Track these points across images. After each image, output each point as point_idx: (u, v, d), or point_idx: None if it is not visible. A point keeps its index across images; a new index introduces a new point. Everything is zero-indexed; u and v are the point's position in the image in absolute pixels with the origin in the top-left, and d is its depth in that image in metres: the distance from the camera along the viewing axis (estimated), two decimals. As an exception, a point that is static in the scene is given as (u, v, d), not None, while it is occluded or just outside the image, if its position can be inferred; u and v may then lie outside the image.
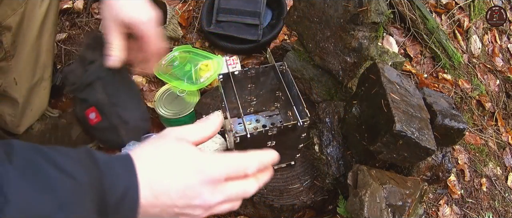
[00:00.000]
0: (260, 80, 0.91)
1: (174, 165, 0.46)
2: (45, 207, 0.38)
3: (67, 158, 0.41)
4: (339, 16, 0.92)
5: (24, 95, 0.95)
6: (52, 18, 0.94)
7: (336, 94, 1.10)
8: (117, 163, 0.44)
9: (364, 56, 0.94)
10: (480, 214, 1.33)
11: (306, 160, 1.01)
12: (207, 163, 0.48)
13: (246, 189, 0.52)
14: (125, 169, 0.44)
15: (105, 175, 0.42)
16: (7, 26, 0.84)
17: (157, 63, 1.27)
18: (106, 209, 0.42)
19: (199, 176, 0.46)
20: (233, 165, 0.50)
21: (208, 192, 0.48)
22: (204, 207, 0.48)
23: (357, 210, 0.73)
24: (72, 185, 0.40)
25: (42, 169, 0.40)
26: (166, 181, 0.45)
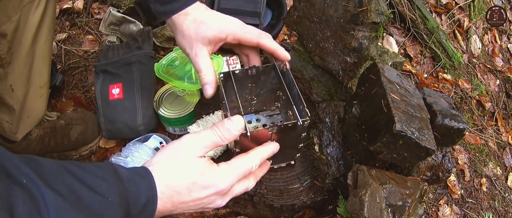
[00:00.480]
0: (261, 79, 0.90)
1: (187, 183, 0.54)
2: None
3: (96, 178, 0.47)
4: (339, 16, 0.92)
5: (20, 102, 0.94)
6: (47, 24, 0.93)
7: (336, 94, 1.10)
8: (138, 178, 0.51)
9: (364, 56, 0.94)
10: (480, 214, 1.33)
11: (306, 160, 1.01)
12: (219, 178, 0.57)
13: (248, 187, 0.64)
14: (146, 185, 0.51)
15: (129, 191, 0.48)
16: (2, 33, 0.83)
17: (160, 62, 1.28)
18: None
19: (209, 191, 0.56)
20: (240, 173, 0.60)
21: (220, 199, 0.59)
22: (218, 207, 0.59)
23: (357, 210, 0.73)
24: (105, 204, 0.45)
25: (76, 191, 0.44)
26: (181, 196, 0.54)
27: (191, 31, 0.70)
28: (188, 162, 0.56)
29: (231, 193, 0.61)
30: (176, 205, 0.54)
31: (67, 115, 1.18)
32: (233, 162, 0.61)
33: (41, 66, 0.97)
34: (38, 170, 0.43)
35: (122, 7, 1.46)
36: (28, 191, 0.40)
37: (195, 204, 0.57)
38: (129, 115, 1.15)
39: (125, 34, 1.36)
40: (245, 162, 0.61)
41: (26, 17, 0.86)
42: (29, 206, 0.39)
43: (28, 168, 0.42)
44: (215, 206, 0.60)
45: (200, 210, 0.59)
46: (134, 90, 1.17)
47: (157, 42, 1.39)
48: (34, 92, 0.98)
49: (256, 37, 0.75)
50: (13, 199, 0.38)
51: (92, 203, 0.44)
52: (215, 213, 1.12)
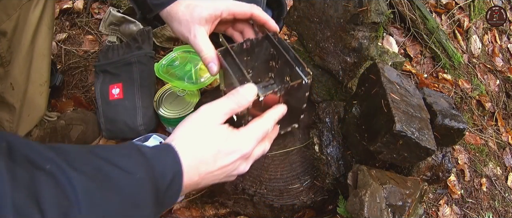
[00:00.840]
0: (255, 52, 0.93)
1: (212, 150, 0.55)
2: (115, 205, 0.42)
3: (121, 157, 0.46)
4: (339, 16, 0.92)
5: (20, 100, 0.95)
6: (46, 22, 0.93)
7: (336, 94, 1.10)
8: (163, 154, 0.51)
9: (364, 56, 0.94)
10: (480, 214, 1.33)
11: (306, 160, 1.01)
12: (242, 142, 0.58)
13: (265, 150, 0.67)
14: (171, 159, 0.50)
15: (155, 167, 0.47)
16: (2, 32, 0.83)
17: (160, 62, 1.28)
18: (158, 196, 0.47)
19: (234, 156, 0.57)
20: (259, 135, 0.62)
21: (244, 164, 0.61)
22: (241, 173, 0.61)
23: (357, 210, 0.73)
24: (134, 181, 0.44)
25: (103, 170, 0.43)
26: (207, 165, 0.54)
27: (187, 16, 0.72)
28: (210, 130, 0.57)
29: (253, 157, 0.63)
30: (203, 176, 0.54)
31: (67, 115, 1.18)
32: (251, 126, 0.63)
33: (40, 64, 0.97)
34: (62, 154, 0.42)
35: (122, 7, 1.46)
36: (53, 176, 0.39)
37: (221, 172, 0.57)
38: (129, 115, 1.15)
39: (125, 34, 1.36)
40: (262, 124, 0.64)
41: (25, 16, 0.86)
42: (56, 191, 0.38)
43: (51, 153, 0.41)
44: (239, 172, 0.61)
45: (225, 179, 0.59)
46: (134, 90, 1.17)
47: (157, 42, 1.39)
48: (34, 90, 0.98)
49: (249, 9, 0.78)
50: (38, 186, 0.37)
51: (121, 180, 0.43)
52: (215, 213, 1.12)
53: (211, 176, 0.56)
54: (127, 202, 0.43)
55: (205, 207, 1.13)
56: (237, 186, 0.97)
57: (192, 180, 0.53)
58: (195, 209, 1.12)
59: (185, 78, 1.26)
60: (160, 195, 0.47)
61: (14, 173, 0.36)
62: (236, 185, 0.97)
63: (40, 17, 0.90)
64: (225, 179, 0.60)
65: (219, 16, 0.75)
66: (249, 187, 0.96)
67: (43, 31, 0.93)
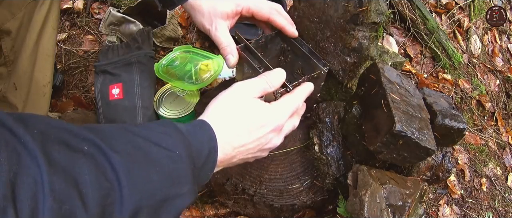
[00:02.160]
0: (268, 47, 0.97)
1: (246, 123, 0.56)
2: (156, 183, 0.41)
3: (160, 134, 0.46)
4: (339, 16, 0.92)
5: (23, 100, 0.94)
6: (51, 23, 0.93)
7: (336, 94, 1.10)
8: (199, 130, 0.51)
9: (364, 56, 0.94)
10: (480, 214, 1.33)
11: (306, 160, 1.01)
12: (273, 115, 0.59)
13: (295, 125, 0.68)
14: (207, 136, 0.51)
15: (192, 144, 0.48)
16: (6, 31, 0.83)
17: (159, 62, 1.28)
18: (194, 172, 0.47)
19: (268, 128, 0.58)
20: (291, 109, 0.63)
21: (276, 136, 0.61)
22: (273, 147, 0.61)
23: (357, 210, 0.73)
24: (174, 158, 0.44)
25: (143, 148, 0.42)
26: (242, 138, 0.55)
27: (210, 9, 0.74)
28: (243, 103, 0.58)
29: (284, 131, 0.63)
30: (237, 150, 0.55)
31: (67, 115, 1.18)
32: (283, 100, 0.64)
33: (44, 64, 0.97)
34: (99, 134, 0.41)
35: (122, 7, 1.46)
36: (92, 157, 0.38)
37: (254, 146, 0.57)
38: (129, 115, 1.15)
39: (125, 34, 1.36)
40: (293, 99, 0.65)
41: (30, 15, 0.86)
42: (96, 173, 0.37)
43: (88, 133, 0.40)
44: (272, 145, 0.61)
45: (258, 153, 0.59)
46: (134, 90, 1.17)
47: (157, 42, 1.39)
48: (37, 91, 0.98)
49: (267, 13, 0.80)
50: (77, 168, 0.36)
51: (161, 158, 0.42)
52: (215, 213, 1.12)
53: (245, 150, 0.57)
54: (168, 180, 0.42)
55: (205, 207, 1.13)
56: (237, 186, 0.97)
57: (227, 154, 0.54)
58: (195, 209, 1.11)
59: (185, 78, 1.26)
60: (195, 171, 0.47)
61: (50, 158, 0.35)
62: (236, 185, 0.97)
63: (45, 18, 0.90)
64: (258, 153, 0.60)
65: (240, 12, 0.78)
66: (249, 187, 0.96)
67: (48, 31, 0.93)
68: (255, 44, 0.92)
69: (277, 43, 1.00)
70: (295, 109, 0.65)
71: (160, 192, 0.41)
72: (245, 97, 0.59)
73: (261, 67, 0.89)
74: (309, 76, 0.85)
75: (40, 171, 0.33)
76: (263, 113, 0.58)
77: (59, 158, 0.36)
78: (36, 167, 0.33)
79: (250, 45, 0.88)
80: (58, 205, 0.33)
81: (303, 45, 0.92)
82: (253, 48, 0.88)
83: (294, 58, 1.00)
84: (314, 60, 0.90)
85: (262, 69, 0.88)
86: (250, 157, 0.60)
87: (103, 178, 0.37)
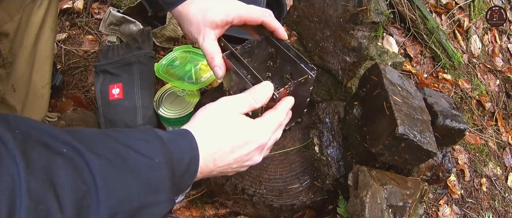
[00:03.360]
0: (255, 52, 0.96)
1: (230, 138, 0.55)
2: (133, 190, 0.41)
3: (140, 141, 0.46)
4: (339, 16, 0.92)
5: (22, 102, 0.94)
6: (49, 24, 0.93)
7: (336, 94, 1.10)
8: (181, 139, 0.50)
9: (363, 56, 0.94)
10: (480, 214, 1.33)
11: (306, 160, 1.01)
12: (257, 132, 0.58)
13: (277, 137, 0.67)
14: (189, 145, 0.50)
15: (173, 152, 0.47)
16: (4, 33, 0.83)
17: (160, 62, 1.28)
18: (174, 181, 0.47)
19: (251, 146, 0.57)
20: (275, 126, 0.62)
21: (257, 154, 0.60)
22: (253, 164, 0.60)
23: (359, 211, 0.73)
24: (152, 165, 0.44)
25: (122, 154, 0.42)
26: (223, 152, 0.54)
27: (199, 17, 0.72)
28: (228, 118, 0.57)
29: (267, 148, 0.63)
30: (218, 164, 0.54)
31: (67, 115, 1.18)
32: (267, 117, 0.63)
33: (43, 66, 0.96)
34: (79, 138, 0.41)
35: (122, 7, 1.46)
36: (70, 159, 0.38)
37: (235, 161, 0.57)
38: (129, 115, 1.15)
39: (125, 34, 1.36)
40: (277, 115, 0.65)
41: (28, 17, 0.86)
42: (73, 175, 0.37)
43: (68, 136, 0.40)
44: (252, 162, 0.60)
45: (237, 169, 0.59)
46: (134, 90, 1.17)
47: (157, 42, 1.39)
48: (36, 92, 0.98)
49: (261, 16, 0.78)
50: (54, 170, 0.36)
51: (140, 165, 0.43)
52: (215, 213, 1.12)
53: (226, 164, 0.56)
54: (145, 187, 0.42)
55: (205, 207, 1.13)
56: (237, 186, 0.97)
57: (208, 166, 0.53)
58: (195, 209, 1.11)
59: (185, 78, 1.26)
60: (176, 180, 0.47)
61: (29, 159, 0.35)
62: (235, 185, 0.97)
63: (43, 19, 0.90)
64: (237, 169, 0.59)
65: (231, 22, 0.75)
66: (248, 187, 0.96)
67: (46, 33, 0.93)
68: (241, 50, 0.91)
69: (264, 48, 0.98)
70: (278, 124, 0.65)
71: (137, 199, 0.42)
72: (231, 113, 0.58)
73: (248, 74, 0.88)
74: (297, 81, 0.84)
75: (18, 170, 0.34)
76: (248, 130, 0.58)
77: (37, 159, 0.36)
78: (14, 166, 0.34)
79: (236, 52, 0.86)
80: (34, 204, 0.33)
81: (290, 50, 0.91)
82: (239, 54, 0.86)
83: (282, 63, 0.98)
84: (302, 64, 0.88)
85: (249, 77, 0.87)
86: (230, 171, 0.59)
87: (80, 180, 0.37)
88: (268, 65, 1.06)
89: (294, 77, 0.95)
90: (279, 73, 1.06)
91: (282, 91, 0.79)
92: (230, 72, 0.94)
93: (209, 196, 1.15)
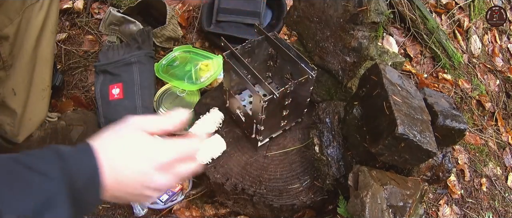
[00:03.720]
0: (255, 52, 0.98)
1: (131, 154, 0.53)
2: (28, 205, 0.42)
3: (34, 158, 0.46)
4: (339, 16, 0.92)
5: (22, 106, 0.94)
6: (50, 27, 0.93)
7: (336, 94, 1.10)
8: (81, 152, 0.50)
9: (363, 56, 0.94)
10: (480, 214, 1.33)
11: (306, 160, 1.01)
12: (159, 151, 0.55)
13: (183, 176, 0.59)
14: (89, 157, 0.49)
15: (70, 164, 0.47)
16: (4, 36, 0.83)
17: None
18: (75, 194, 0.46)
19: (152, 164, 0.54)
20: (180, 150, 0.57)
21: (160, 175, 0.55)
22: (157, 189, 0.56)
23: (359, 211, 0.73)
24: (46, 181, 0.44)
25: (15, 173, 0.44)
26: (125, 168, 0.52)
27: None
28: (131, 133, 0.55)
29: (174, 173, 0.57)
30: (120, 180, 0.52)
31: (67, 115, 1.18)
32: (174, 140, 0.59)
33: (43, 69, 0.96)
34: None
35: (122, 7, 1.46)
36: None
37: (137, 177, 0.54)
38: (129, 114, 1.15)
39: (125, 34, 1.36)
40: (186, 142, 0.59)
41: (28, 20, 0.86)
42: None
43: None
44: (156, 185, 0.55)
45: (142, 190, 0.55)
46: (134, 90, 1.17)
47: (157, 42, 1.39)
48: (36, 95, 0.98)
49: None
50: None
51: (33, 182, 0.44)
52: (215, 213, 1.12)
53: (129, 182, 0.53)
54: (41, 202, 0.43)
55: (205, 207, 1.13)
56: (237, 186, 0.97)
57: (110, 181, 0.51)
58: (195, 209, 1.11)
59: (185, 78, 1.26)
60: (76, 194, 0.47)
61: None
62: (235, 185, 0.97)
63: (44, 22, 0.90)
64: (142, 190, 0.55)
65: None
66: (248, 187, 0.96)
67: (47, 36, 0.93)
68: (241, 50, 0.92)
69: (264, 48, 0.99)
70: (186, 151, 0.59)
71: (35, 214, 0.42)
72: (135, 129, 0.56)
73: (248, 74, 0.89)
74: (297, 81, 0.85)
75: None
76: (149, 146, 0.55)
77: None
78: None
79: (236, 52, 0.87)
80: None
81: (291, 50, 0.92)
82: (239, 54, 0.87)
83: (283, 63, 0.99)
84: (302, 64, 0.89)
85: (249, 77, 0.87)
86: (137, 193, 0.55)
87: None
88: (268, 65, 1.06)
89: (294, 77, 0.95)
90: (279, 73, 1.06)
91: (282, 91, 0.80)
92: (230, 72, 0.94)
93: (209, 196, 1.15)
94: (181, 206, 1.11)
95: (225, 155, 1.02)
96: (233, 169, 1.00)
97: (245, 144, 1.04)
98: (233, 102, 1.03)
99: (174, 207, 1.11)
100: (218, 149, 1.02)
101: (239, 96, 1.10)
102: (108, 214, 1.14)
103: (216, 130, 1.07)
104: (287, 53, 0.92)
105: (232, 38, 1.40)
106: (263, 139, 1.02)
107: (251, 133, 0.98)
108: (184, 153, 0.58)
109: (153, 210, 1.11)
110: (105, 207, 1.15)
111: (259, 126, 0.92)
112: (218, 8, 1.46)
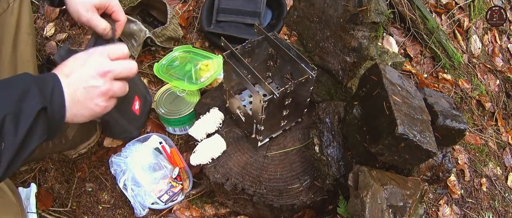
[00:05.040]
0: (255, 52, 0.99)
1: (83, 69, 0.67)
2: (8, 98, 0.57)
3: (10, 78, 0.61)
4: (339, 16, 0.92)
5: None
6: (25, 29, 0.96)
7: (336, 94, 1.10)
8: (45, 75, 0.65)
9: (363, 56, 0.94)
10: (480, 214, 1.33)
11: (306, 160, 1.01)
12: (98, 63, 0.68)
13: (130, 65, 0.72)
14: (51, 76, 0.64)
15: (37, 80, 0.62)
16: None
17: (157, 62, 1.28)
18: (45, 95, 0.61)
19: (95, 72, 0.67)
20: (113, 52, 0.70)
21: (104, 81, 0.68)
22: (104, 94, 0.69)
23: (359, 211, 0.73)
24: (22, 79, 0.60)
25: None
26: (78, 78, 0.66)
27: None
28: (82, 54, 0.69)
29: (112, 75, 0.68)
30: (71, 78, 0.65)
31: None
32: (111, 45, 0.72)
33: (25, 70, 0.98)
34: None
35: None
36: None
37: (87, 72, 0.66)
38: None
39: (125, 34, 1.36)
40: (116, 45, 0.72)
41: (2, 26, 0.89)
42: None
43: None
44: (102, 89, 0.67)
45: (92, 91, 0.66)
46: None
47: (158, 42, 1.39)
48: None
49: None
50: None
51: (10, 80, 0.60)
52: (215, 213, 1.12)
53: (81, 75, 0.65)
54: (16, 94, 0.57)
55: (205, 207, 1.13)
56: (237, 186, 0.97)
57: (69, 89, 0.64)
58: (195, 209, 1.11)
59: (185, 78, 1.26)
60: (46, 95, 0.60)
61: None
62: (235, 185, 0.97)
63: (17, 25, 0.93)
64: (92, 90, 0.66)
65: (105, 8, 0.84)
66: (248, 187, 0.96)
67: (23, 38, 0.96)
68: (241, 50, 0.93)
69: (264, 48, 1.00)
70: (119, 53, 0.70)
71: (11, 103, 0.57)
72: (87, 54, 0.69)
73: (248, 74, 0.89)
74: (297, 81, 0.85)
75: None
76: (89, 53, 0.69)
77: None
78: None
79: (236, 52, 0.88)
80: None
81: (291, 50, 0.92)
82: (239, 54, 0.88)
83: (283, 63, 1.00)
84: (302, 64, 0.89)
85: (249, 77, 0.88)
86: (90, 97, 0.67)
87: None
88: (268, 65, 1.06)
89: (294, 77, 0.96)
90: (279, 73, 1.06)
91: (283, 91, 0.80)
92: (230, 72, 0.94)
93: (209, 196, 1.15)
94: (181, 206, 1.11)
95: (225, 155, 1.02)
96: (233, 169, 1.00)
97: (245, 144, 1.05)
98: (233, 102, 1.03)
99: (174, 207, 1.11)
100: (218, 149, 1.02)
101: (239, 96, 1.10)
102: (108, 214, 1.14)
103: (216, 130, 1.07)
104: (287, 53, 0.92)
105: (232, 38, 1.40)
106: (263, 139, 1.02)
107: (251, 133, 0.99)
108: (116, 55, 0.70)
109: (154, 210, 1.11)
110: (105, 207, 1.15)
111: (259, 125, 0.92)
112: (218, 8, 1.46)
